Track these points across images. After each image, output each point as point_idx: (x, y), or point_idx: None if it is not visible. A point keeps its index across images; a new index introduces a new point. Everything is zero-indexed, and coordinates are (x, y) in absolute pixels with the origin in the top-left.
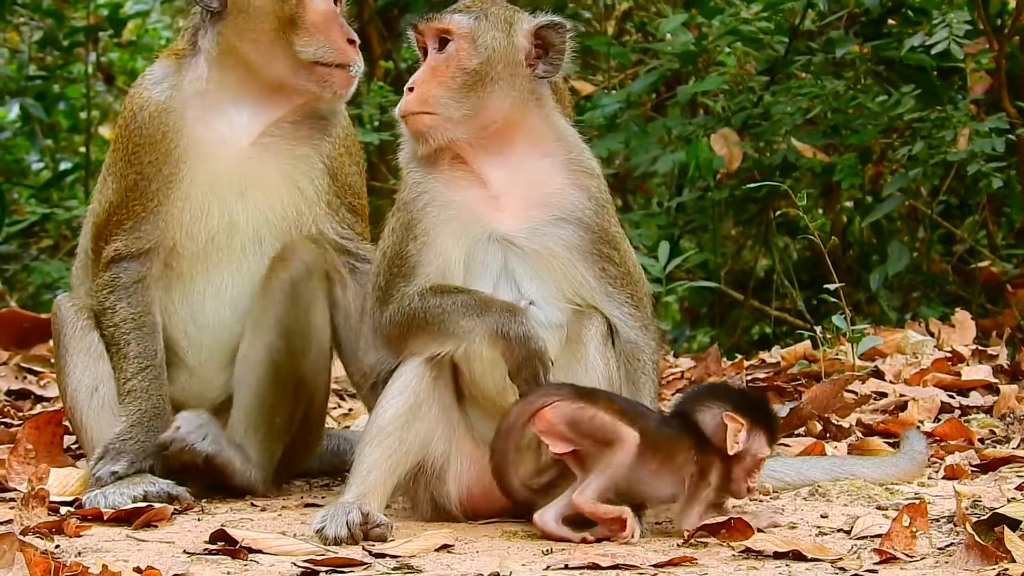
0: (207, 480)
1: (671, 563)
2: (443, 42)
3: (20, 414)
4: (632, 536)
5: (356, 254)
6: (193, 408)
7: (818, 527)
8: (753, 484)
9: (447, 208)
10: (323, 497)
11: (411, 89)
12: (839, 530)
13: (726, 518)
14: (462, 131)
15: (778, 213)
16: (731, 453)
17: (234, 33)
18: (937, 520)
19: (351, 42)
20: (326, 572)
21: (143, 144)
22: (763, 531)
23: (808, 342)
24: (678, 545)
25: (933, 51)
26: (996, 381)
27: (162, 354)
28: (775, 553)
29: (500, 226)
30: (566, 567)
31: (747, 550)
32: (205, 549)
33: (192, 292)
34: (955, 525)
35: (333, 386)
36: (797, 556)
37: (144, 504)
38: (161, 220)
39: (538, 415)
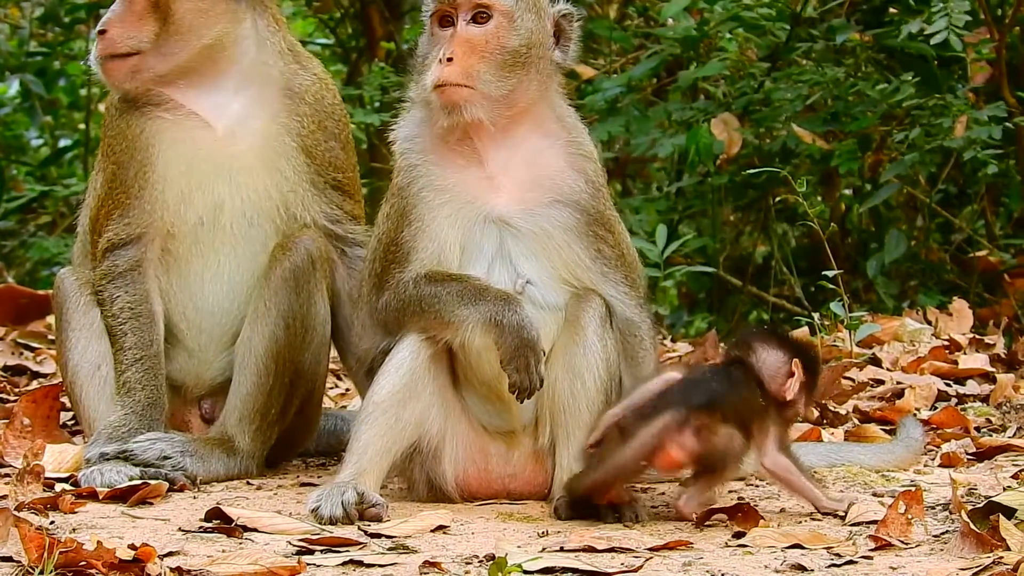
0: None
1: (667, 547)
2: (479, 17)
3: (16, 390)
4: None
5: (345, 238)
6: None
7: (812, 514)
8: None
9: (442, 192)
10: (319, 476)
11: (450, 59)
12: (835, 516)
13: (735, 503)
14: (493, 110)
15: (777, 200)
16: (790, 396)
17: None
18: (932, 508)
19: (100, 32)
20: (321, 551)
21: (115, 136)
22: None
23: (806, 328)
24: (675, 528)
25: (932, 41)
26: (993, 370)
27: (159, 343)
28: (770, 538)
29: (496, 207)
30: (561, 549)
31: (742, 534)
32: (200, 527)
33: (190, 275)
34: (950, 513)
35: (330, 366)
36: (792, 542)
37: (140, 482)
38: (147, 204)
39: (666, 457)
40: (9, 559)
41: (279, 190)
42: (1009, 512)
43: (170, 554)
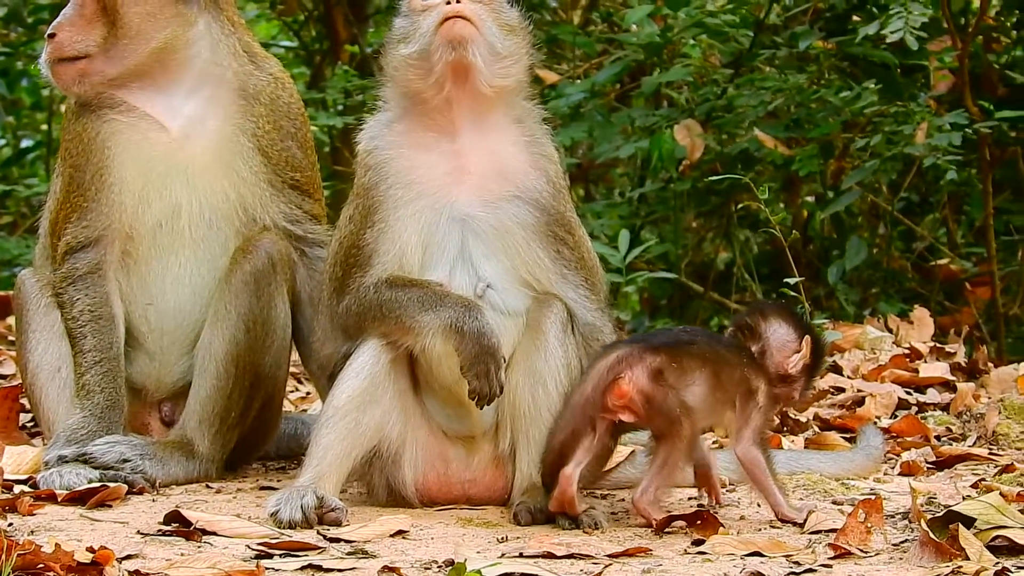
0: None
1: (626, 553)
2: None
3: None
4: None
5: (305, 238)
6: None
7: (771, 521)
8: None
9: (409, 189)
10: (279, 480)
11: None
12: (793, 524)
13: (695, 510)
14: (488, 68)
15: (740, 206)
16: (791, 372)
17: None
18: (892, 516)
19: (50, 36)
20: (280, 555)
21: (72, 139)
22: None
23: None
24: (635, 535)
25: (888, 39)
26: (953, 379)
27: (119, 346)
28: (730, 546)
29: (460, 200)
30: (521, 555)
31: (701, 541)
32: (159, 530)
33: (150, 278)
34: (910, 521)
35: (291, 369)
36: (752, 550)
37: (99, 485)
38: (104, 207)
39: (616, 388)
40: None
41: (236, 191)
42: (968, 521)
43: (128, 557)
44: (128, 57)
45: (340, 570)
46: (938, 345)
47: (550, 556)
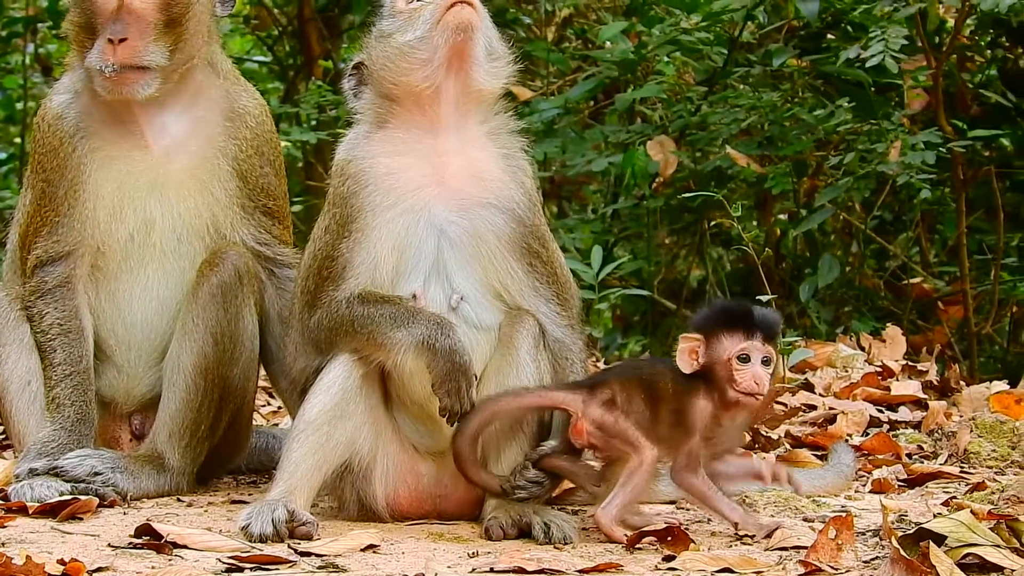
0: None
1: (596, 569)
2: None
3: None
4: None
5: (275, 259)
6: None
7: (742, 538)
8: (743, 385)
9: (388, 194)
10: (250, 494)
11: None
12: (753, 535)
13: (665, 526)
14: (483, 61)
15: (712, 224)
16: (687, 372)
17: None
18: (863, 533)
19: (110, 41)
20: (251, 569)
21: (46, 153)
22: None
23: None
24: (605, 550)
25: (868, 63)
26: (925, 397)
27: (88, 359)
28: (700, 562)
29: (438, 204)
30: (492, 570)
31: (672, 557)
32: (130, 543)
33: (119, 292)
34: (881, 539)
35: (261, 383)
36: (722, 566)
37: (70, 497)
38: (76, 222)
39: (574, 429)
40: None
41: (210, 210)
42: (939, 539)
43: (99, 570)
44: (174, 73)
45: None
46: (910, 363)
47: (521, 571)
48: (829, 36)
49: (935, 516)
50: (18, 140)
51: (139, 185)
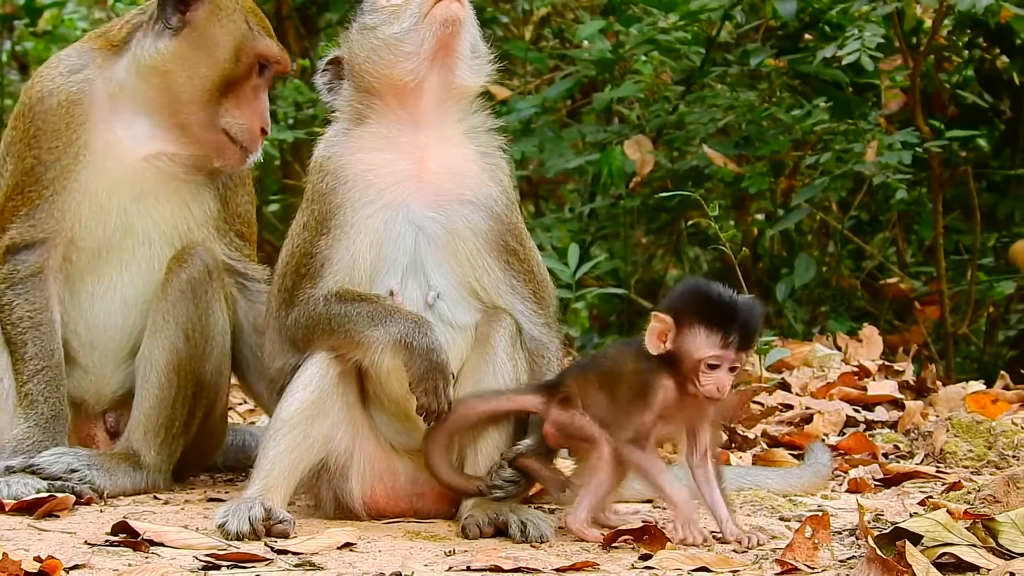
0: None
1: (573, 568)
2: None
3: None
4: None
5: (246, 274)
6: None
7: (720, 537)
8: (704, 388)
9: (367, 191)
10: (227, 492)
11: None
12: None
13: (641, 525)
14: (465, 56)
15: (690, 223)
16: (653, 352)
17: (175, 58)
18: (839, 533)
19: (263, 131)
20: (228, 567)
21: (45, 131)
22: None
23: None
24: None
25: (845, 62)
26: (902, 397)
27: (60, 354)
28: (677, 561)
29: (416, 199)
30: (468, 568)
31: (648, 556)
32: (107, 540)
33: (83, 291)
34: (857, 538)
35: (235, 381)
36: (699, 565)
37: (47, 495)
38: (57, 210)
39: (544, 431)
40: None
41: (186, 224)
42: (915, 538)
43: (76, 567)
44: None
45: None
46: (887, 363)
47: (497, 570)
48: (806, 36)
49: (911, 515)
50: None
51: (127, 188)
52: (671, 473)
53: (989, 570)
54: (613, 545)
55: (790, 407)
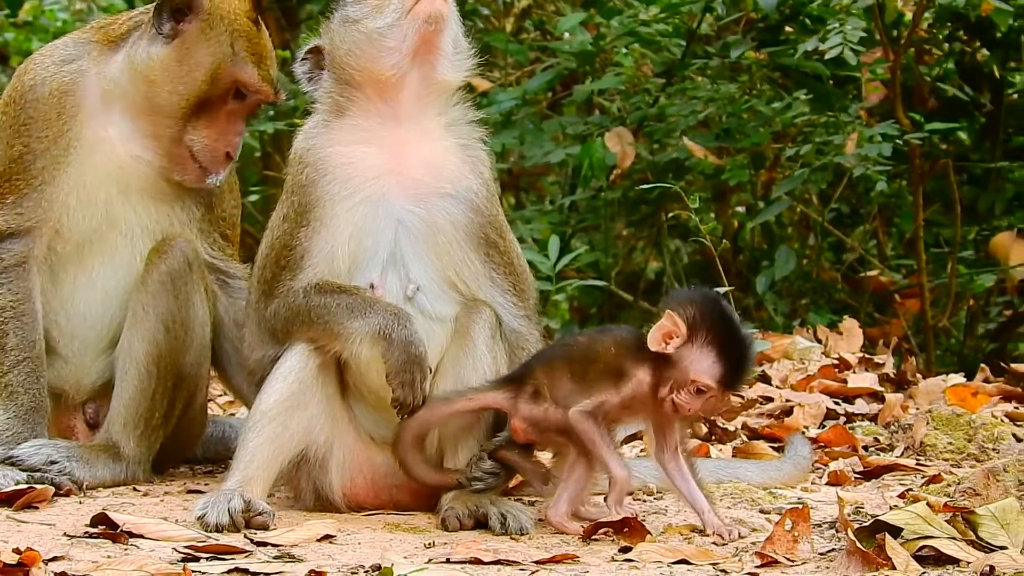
0: None
1: (553, 560)
2: None
3: None
4: None
5: (226, 271)
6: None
7: (699, 529)
8: (680, 405)
9: (347, 184)
10: (206, 484)
11: None
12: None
13: (621, 517)
14: (448, 51)
15: (670, 215)
16: (652, 348)
17: (162, 68)
18: (819, 525)
19: (228, 156)
20: (207, 558)
21: (36, 119)
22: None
23: None
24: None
25: (827, 56)
26: (882, 389)
27: (41, 345)
28: (657, 553)
29: (396, 193)
30: (448, 560)
31: (629, 549)
32: (86, 532)
33: (65, 282)
34: (837, 531)
35: (215, 372)
36: (678, 558)
37: (26, 486)
38: (45, 200)
39: (512, 427)
40: None
41: (170, 221)
42: (895, 531)
43: (55, 559)
44: None
45: (267, 574)
46: (867, 356)
47: (477, 562)
48: (787, 28)
49: (891, 508)
50: None
51: (114, 183)
52: (618, 453)
53: (969, 563)
54: (593, 537)
55: (770, 399)
